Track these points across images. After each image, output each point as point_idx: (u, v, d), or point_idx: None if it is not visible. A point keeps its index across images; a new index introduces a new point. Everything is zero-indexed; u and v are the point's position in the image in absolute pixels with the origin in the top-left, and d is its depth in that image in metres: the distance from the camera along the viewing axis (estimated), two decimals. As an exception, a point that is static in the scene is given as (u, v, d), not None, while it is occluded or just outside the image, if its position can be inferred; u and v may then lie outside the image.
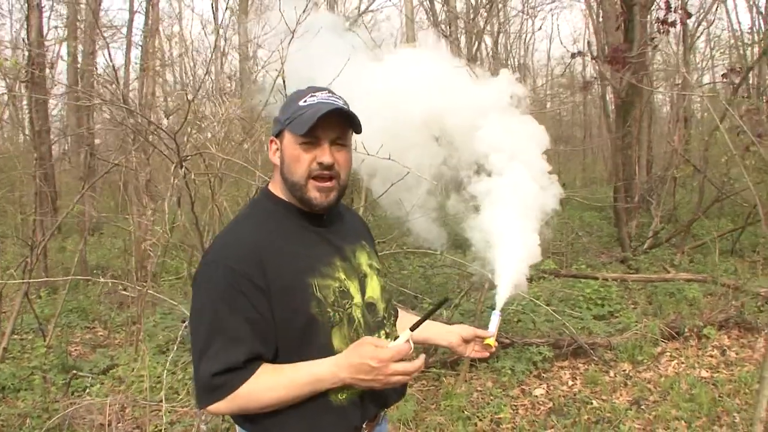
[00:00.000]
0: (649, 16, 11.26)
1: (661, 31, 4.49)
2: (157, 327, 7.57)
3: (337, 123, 2.05)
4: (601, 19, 17.27)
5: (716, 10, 17.87)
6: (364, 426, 2.14)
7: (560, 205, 3.16)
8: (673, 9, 4.58)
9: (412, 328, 2.08)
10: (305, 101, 2.05)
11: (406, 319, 2.49)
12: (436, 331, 2.49)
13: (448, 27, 14.56)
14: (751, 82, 15.08)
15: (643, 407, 5.59)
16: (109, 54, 12.12)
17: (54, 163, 13.54)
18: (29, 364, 6.56)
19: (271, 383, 1.95)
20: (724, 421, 5.21)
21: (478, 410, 5.58)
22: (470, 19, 14.69)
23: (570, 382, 6.22)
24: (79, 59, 14.02)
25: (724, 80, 11.15)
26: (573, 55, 9.70)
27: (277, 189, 2.17)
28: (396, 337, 2.22)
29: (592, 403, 5.70)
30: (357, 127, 2.11)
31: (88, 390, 5.96)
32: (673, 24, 4.61)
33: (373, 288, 2.22)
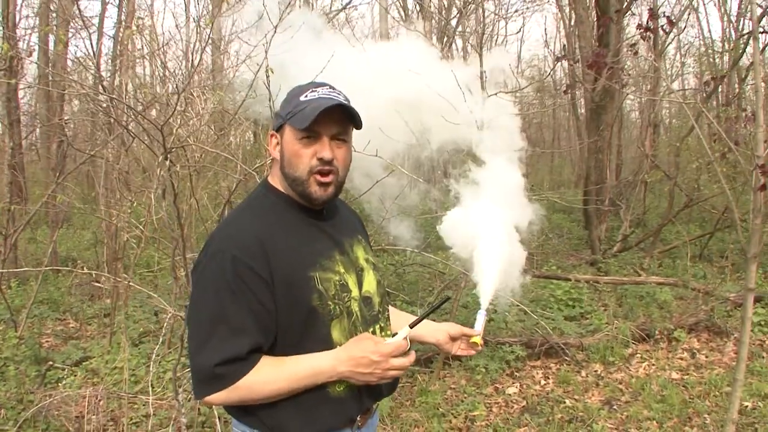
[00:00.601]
0: (624, 22, 11.42)
1: (645, 37, 4.54)
2: (129, 319, 7.52)
3: (338, 118, 2.06)
4: (573, 23, 17.38)
5: (688, 17, 18.07)
6: (359, 418, 2.17)
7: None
8: (657, 17, 4.65)
9: (412, 325, 2.12)
10: (306, 96, 2.07)
11: (395, 315, 2.52)
12: (425, 329, 2.49)
13: (423, 25, 14.60)
14: (720, 90, 15.33)
15: (615, 407, 5.67)
16: (90, 40, 11.88)
17: (24, 153, 13.32)
18: (1, 355, 6.49)
19: (272, 375, 1.96)
20: (695, 422, 5.30)
21: (453, 407, 5.63)
22: (444, 19, 14.75)
23: (543, 382, 6.29)
24: (51, 48, 13.80)
25: (706, 87, 11.32)
26: (558, 59, 9.77)
27: (276, 182, 2.18)
28: (390, 333, 2.26)
29: (564, 403, 5.77)
30: (357, 123, 2.12)
31: (64, 382, 5.91)
32: (655, 31, 4.68)
33: (369, 282, 2.24)
